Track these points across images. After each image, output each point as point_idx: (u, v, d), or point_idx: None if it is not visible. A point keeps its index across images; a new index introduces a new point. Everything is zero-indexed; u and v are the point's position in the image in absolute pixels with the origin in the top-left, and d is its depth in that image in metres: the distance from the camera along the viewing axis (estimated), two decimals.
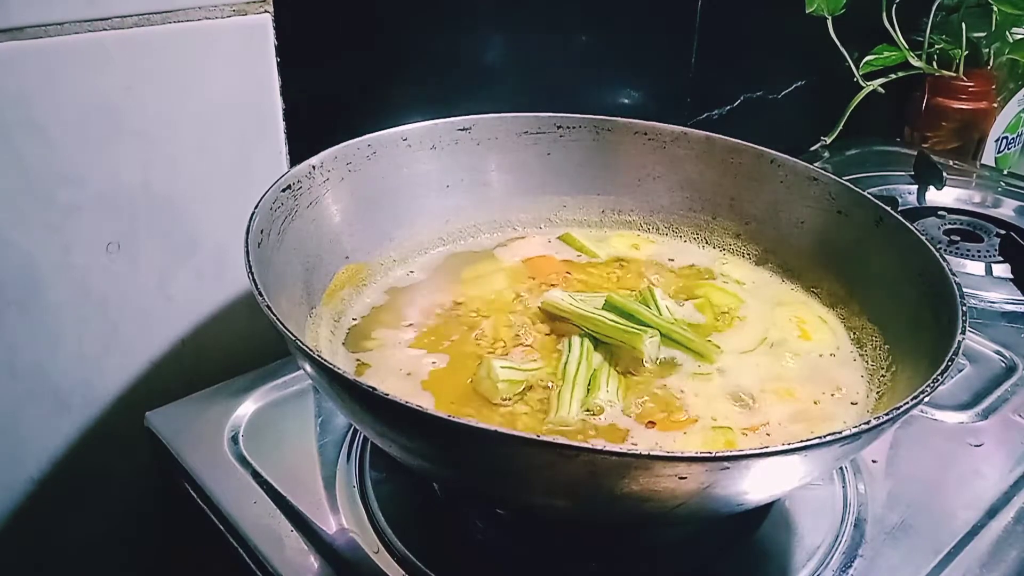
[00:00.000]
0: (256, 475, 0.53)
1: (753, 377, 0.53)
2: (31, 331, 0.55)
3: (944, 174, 0.97)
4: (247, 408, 0.58)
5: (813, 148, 1.08)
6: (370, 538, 0.48)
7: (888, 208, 0.56)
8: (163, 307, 0.60)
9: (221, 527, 0.50)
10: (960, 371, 0.65)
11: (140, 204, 0.56)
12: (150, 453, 0.58)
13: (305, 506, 0.50)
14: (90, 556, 0.64)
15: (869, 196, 0.57)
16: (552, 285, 0.60)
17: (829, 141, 1.08)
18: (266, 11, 0.57)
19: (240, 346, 0.64)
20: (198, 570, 0.61)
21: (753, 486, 0.40)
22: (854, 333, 0.56)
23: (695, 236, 0.66)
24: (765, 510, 0.51)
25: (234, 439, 0.56)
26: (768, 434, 0.49)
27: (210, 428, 0.56)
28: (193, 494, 0.53)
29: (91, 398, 0.59)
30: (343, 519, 0.50)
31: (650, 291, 0.57)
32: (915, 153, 1.02)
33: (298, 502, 0.51)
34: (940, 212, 0.93)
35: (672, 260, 0.64)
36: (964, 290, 0.47)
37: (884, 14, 1.00)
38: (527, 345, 0.54)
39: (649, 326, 0.53)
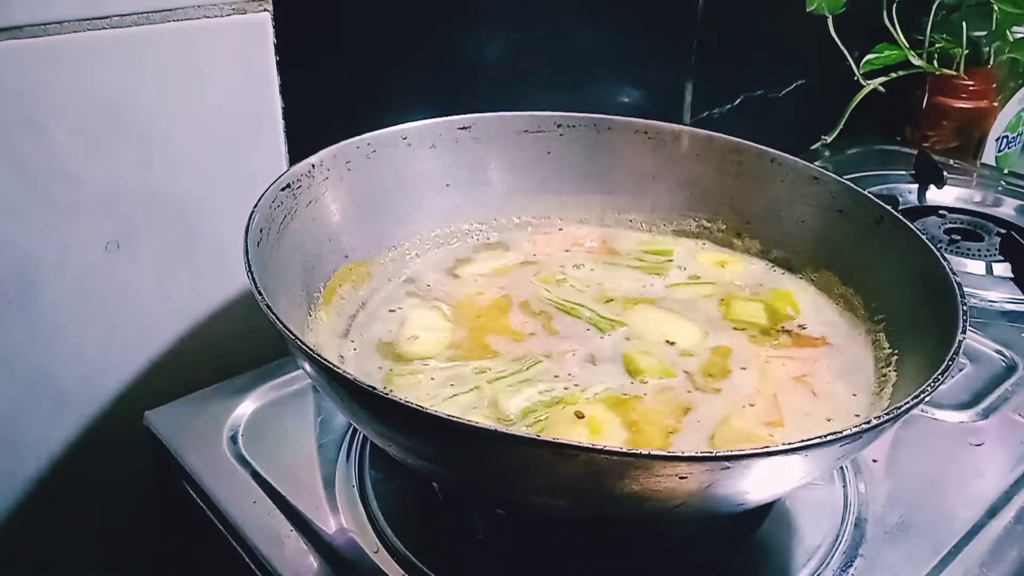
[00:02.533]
0: (255, 475, 0.53)
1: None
2: (30, 330, 0.55)
3: (944, 173, 0.97)
4: (246, 408, 0.58)
5: (813, 147, 1.08)
6: (369, 538, 0.48)
7: (889, 207, 0.56)
8: (162, 306, 0.60)
9: (220, 527, 0.50)
10: (960, 370, 0.65)
11: (139, 203, 0.56)
12: (149, 452, 0.57)
13: (304, 506, 0.50)
14: (89, 555, 0.64)
15: (870, 195, 0.57)
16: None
17: (830, 140, 1.08)
18: (265, 9, 0.57)
19: (239, 345, 0.64)
20: (197, 570, 0.61)
21: (754, 486, 0.40)
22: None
23: (695, 235, 0.66)
24: (765, 509, 0.51)
25: (233, 439, 0.55)
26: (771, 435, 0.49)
27: (209, 427, 0.56)
28: (192, 494, 0.53)
29: (90, 397, 0.59)
30: (343, 519, 0.50)
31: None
32: (915, 152, 1.02)
33: (297, 502, 0.51)
34: (940, 211, 0.93)
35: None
36: (964, 289, 0.47)
37: (884, 13, 0.99)
38: None
39: None
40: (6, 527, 0.59)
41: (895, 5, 0.99)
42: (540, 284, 0.60)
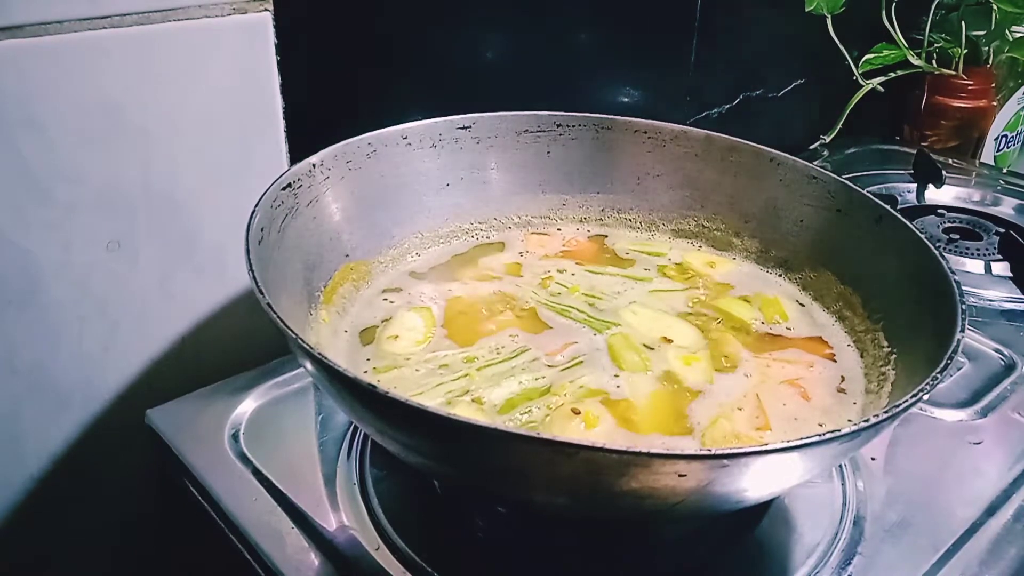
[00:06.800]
0: (256, 472, 0.53)
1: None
2: (31, 329, 0.55)
3: (943, 172, 0.97)
4: (248, 406, 0.58)
5: (813, 146, 1.08)
6: (371, 535, 0.48)
7: (888, 206, 0.56)
8: (163, 305, 0.60)
9: (222, 524, 0.51)
10: (959, 369, 0.66)
11: (140, 202, 0.56)
12: (150, 451, 0.58)
13: (305, 503, 0.50)
14: (90, 553, 0.64)
15: (868, 194, 0.57)
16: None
17: (829, 139, 1.09)
18: (266, 9, 0.57)
19: (240, 344, 0.64)
20: (199, 568, 0.61)
21: (752, 484, 0.40)
22: (853, 331, 0.56)
23: (694, 235, 0.66)
24: (764, 508, 0.51)
25: (235, 436, 0.56)
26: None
27: (211, 426, 0.56)
28: (194, 491, 0.53)
29: (91, 396, 0.60)
30: (344, 516, 0.50)
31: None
32: (914, 152, 1.02)
33: (298, 499, 0.51)
34: (939, 210, 0.93)
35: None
36: (963, 288, 0.47)
37: (884, 13, 1.00)
38: None
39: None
40: (7, 525, 0.59)
41: (894, 5, 0.99)
42: (531, 285, 0.60)
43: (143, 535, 0.66)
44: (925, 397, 0.40)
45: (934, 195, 0.97)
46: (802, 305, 0.60)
